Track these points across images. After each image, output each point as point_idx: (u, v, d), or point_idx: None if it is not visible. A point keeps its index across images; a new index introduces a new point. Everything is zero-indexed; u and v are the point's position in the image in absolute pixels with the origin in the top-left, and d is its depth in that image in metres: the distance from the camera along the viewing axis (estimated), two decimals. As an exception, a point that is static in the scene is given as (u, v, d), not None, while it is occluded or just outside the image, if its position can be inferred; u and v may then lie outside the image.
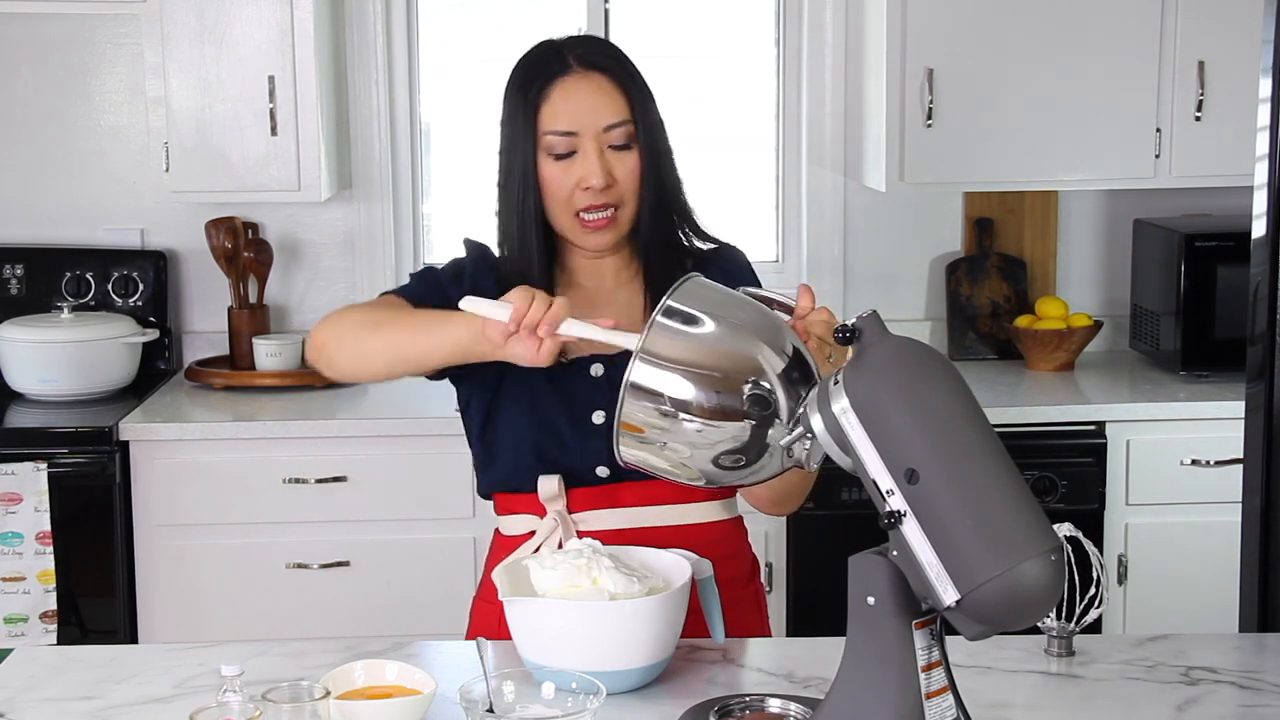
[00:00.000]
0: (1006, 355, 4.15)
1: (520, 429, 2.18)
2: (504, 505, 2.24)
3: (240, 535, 3.58)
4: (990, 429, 1.59)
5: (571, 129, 2.11)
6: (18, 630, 3.47)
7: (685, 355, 1.69)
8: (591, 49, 2.17)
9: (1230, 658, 2.04)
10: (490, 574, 2.21)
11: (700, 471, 1.73)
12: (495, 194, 2.22)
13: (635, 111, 2.13)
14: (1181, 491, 3.66)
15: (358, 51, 4.06)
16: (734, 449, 1.69)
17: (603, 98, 2.12)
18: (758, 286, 2.20)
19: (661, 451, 1.72)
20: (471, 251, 2.27)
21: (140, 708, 1.89)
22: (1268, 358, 2.44)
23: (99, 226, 4.09)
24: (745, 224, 4.27)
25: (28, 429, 3.60)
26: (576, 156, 2.12)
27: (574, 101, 2.12)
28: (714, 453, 1.70)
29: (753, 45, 4.25)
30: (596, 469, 2.17)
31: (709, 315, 1.71)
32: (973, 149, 3.81)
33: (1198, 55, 3.78)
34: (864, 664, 1.61)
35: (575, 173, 2.12)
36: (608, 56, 2.17)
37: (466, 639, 2.24)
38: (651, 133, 2.15)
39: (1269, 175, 2.42)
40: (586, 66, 2.14)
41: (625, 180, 2.13)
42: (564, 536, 2.15)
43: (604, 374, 2.17)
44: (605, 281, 2.22)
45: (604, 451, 2.15)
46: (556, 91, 2.13)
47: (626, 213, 2.15)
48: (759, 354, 1.69)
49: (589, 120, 2.11)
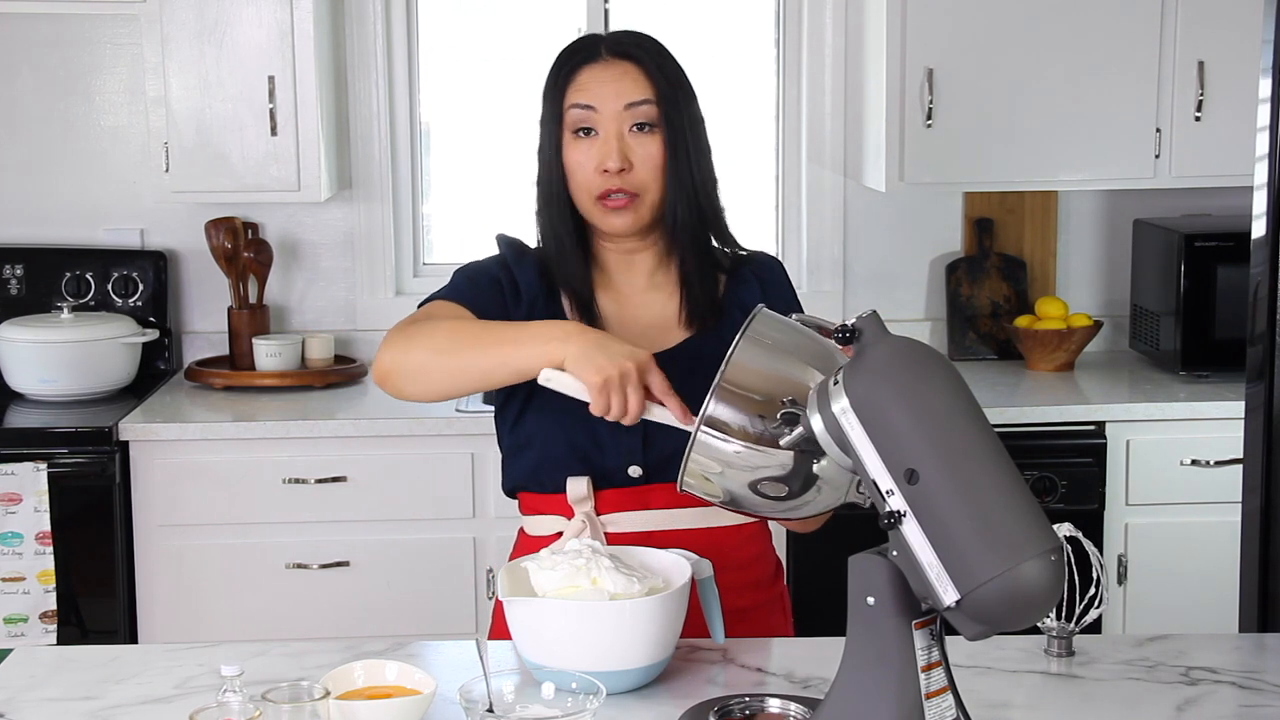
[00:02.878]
0: (1006, 355, 4.15)
1: (555, 424, 2.16)
2: (530, 505, 2.23)
3: (240, 535, 3.58)
4: (990, 429, 1.59)
5: (590, 103, 2.12)
6: (18, 630, 3.47)
7: (744, 424, 1.72)
8: (627, 39, 2.17)
9: (1230, 658, 2.04)
10: None
11: (752, 505, 1.78)
12: (534, 192, 2.21)
13: (660, 96, 2.12)
14: (1181, 491, 3.66)
15: (358, 51, 4.06)
16: (780, 477, 1.73)
17: (627, 81, 2.13)
18: (794, 297, 2.23)
19: (723, 487, 1.77)
20: (506, 247, 2.25)
21: (140, 708, 1.89)
22: (1268, 358, 2.44)
23: (99, 226, 4.09)
24: (745, 224, 4.26)
25: (28, 429, 3.60)
26: (597, 138, 2.12)
27: (598, 82, 2.13)
28: (757, 478, 1.74)
29: (753, 45, 4.25)
30: (629, 468, 2.16)
31: (769, 371, 1.74)
32: (973, 149, 3.81)
33: (1198, 55, 3.78)
34: (864, 664, 1.61)
35: (595, 154, 2.12)
36: (641, 47, 2.16)
37: (490, 638, 2.23)
38: (679, 122, 2.13)
39: (1269, 175, 2.42)
40: (617, 54, 2.14)
41: (644, 165, 2.12)
42: (592, 538, 2.14)
43: None
44: (638, 280, 2.22)
45: (638, 450, 2.15)
46: (583, 75, 2.14)
47: (647, 200, 2.14)
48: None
49: (609, 98, 2.11)
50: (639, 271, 2.22)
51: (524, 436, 2.21)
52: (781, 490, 1.74)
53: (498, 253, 2.25)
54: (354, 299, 4.14)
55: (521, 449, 2.21)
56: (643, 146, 2.12)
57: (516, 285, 2.20)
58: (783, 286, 2.26)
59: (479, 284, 2.19)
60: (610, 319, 2.20)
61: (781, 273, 2.28)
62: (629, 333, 2.19)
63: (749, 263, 2.25)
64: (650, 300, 2.22)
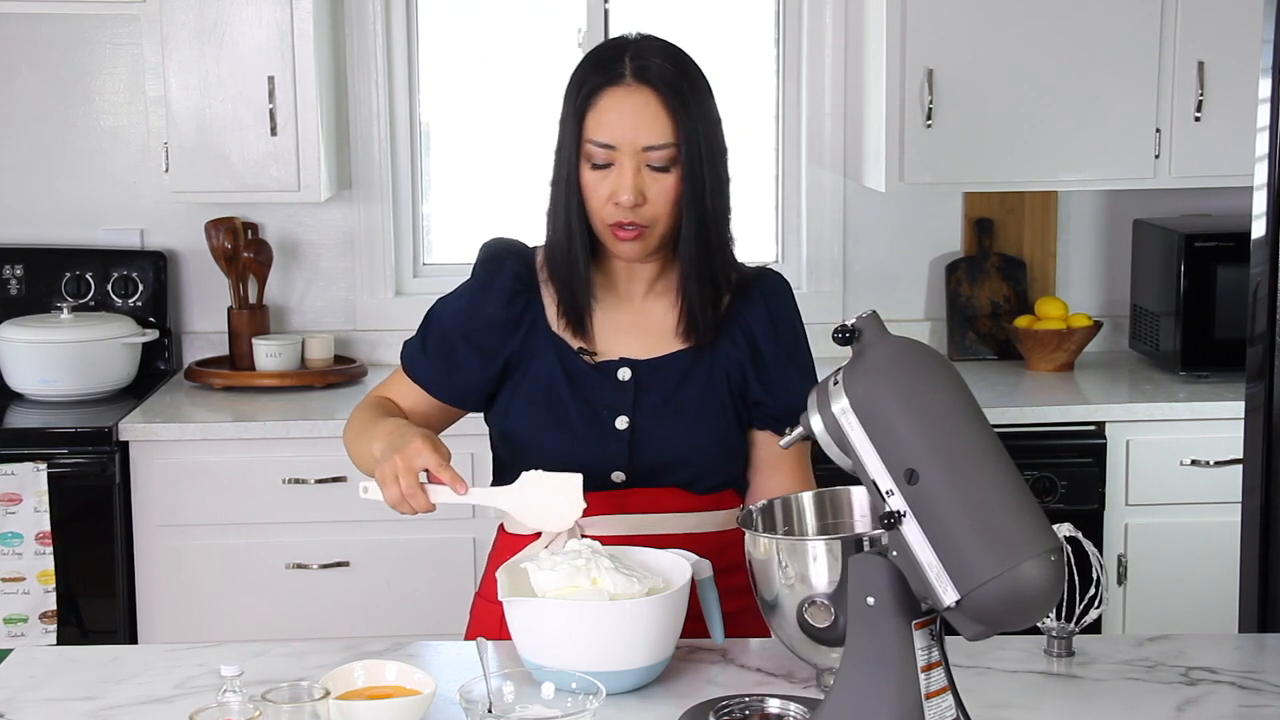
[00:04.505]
0: (1006, 355, 4.15)
1: (537, 431, 2.18)
2: None
3: (240, 535, 3.58)
4: (990, 429, 1.59)
5: (610, 142, 2.09)
6: (17, 630, 3.47)
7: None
8: (652, 59, 2.11)
9: (1230, 658, 2.04)
10: (493, 572, 2.22)
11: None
12: (548, 190, 2.20)
13: (680, 135, 2.09)
14: (1181, 491, 3.66)
15: (358, 51, 4.06)
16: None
17: (647, 117, 2.09)
18: (798, 317, 2.24)
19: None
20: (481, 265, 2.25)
21: (140, 708, 1.89)
22: (1268, 358, 2.44)
23: (99, 226, 4.09)
24: (745, 224, 4.26)
25: (28, 429, 3.60)
26: (613, 169, 2.10)
27: (617, 114, 2.09)
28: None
29: (753, 45, 4.25)
30: (613, 474, 2.17)
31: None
32: (973, 149, 3.81)
33: (1198, 55, 3.78)
34: (864, 664, 1.61)
35: (610, 185, 2.10)
36: (666, 71, 2.10)
37: (466, 638, 2.24)
38: (696, 159, 2.10)
39: (1269, 175, 2.42)
40: (639, 79, 2.09)
41: (657, 201, 2.11)
42: (570, 540, 2.14)
43: (631, 379, 2.18)
44: (639, 288, 2.22)
45: (623, 456, 2.15)
46: (604, 100, 2.10)
47: (657, 232, 2.13)
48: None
49: (629, 137, 2.09)
50: (641, 279, 2.22)
51: (509, 446, 2.23)
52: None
53: (469, 279, 2.26)
54: (354, 299, 4.14)
55: (508, 459, 2.24)
56: (658, 183, 2.11)
57: (482, 308, 2.21)
58: (789, 310, 2.26)
59: (429, 348, 2.24)
60: (605, 323, 2.21)
61: (788, 294, 2.28)
62: (624, 337, 2.20)
63: (758, 283, 2.25)
64: (650, 307, 2.22)
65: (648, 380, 2.18)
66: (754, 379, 2.20)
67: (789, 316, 2.25)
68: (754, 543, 1.85)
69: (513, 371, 2.20)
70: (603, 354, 2.18)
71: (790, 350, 2.23)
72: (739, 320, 2.22)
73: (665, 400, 2.17)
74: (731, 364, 2.20)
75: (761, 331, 2.22)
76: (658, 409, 2.17)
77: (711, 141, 2.14)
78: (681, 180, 2.11)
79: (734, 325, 2.21)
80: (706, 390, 2.18)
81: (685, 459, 2.18)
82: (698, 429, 2.18)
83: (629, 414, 2.16)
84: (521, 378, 2.19)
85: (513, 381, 2.20)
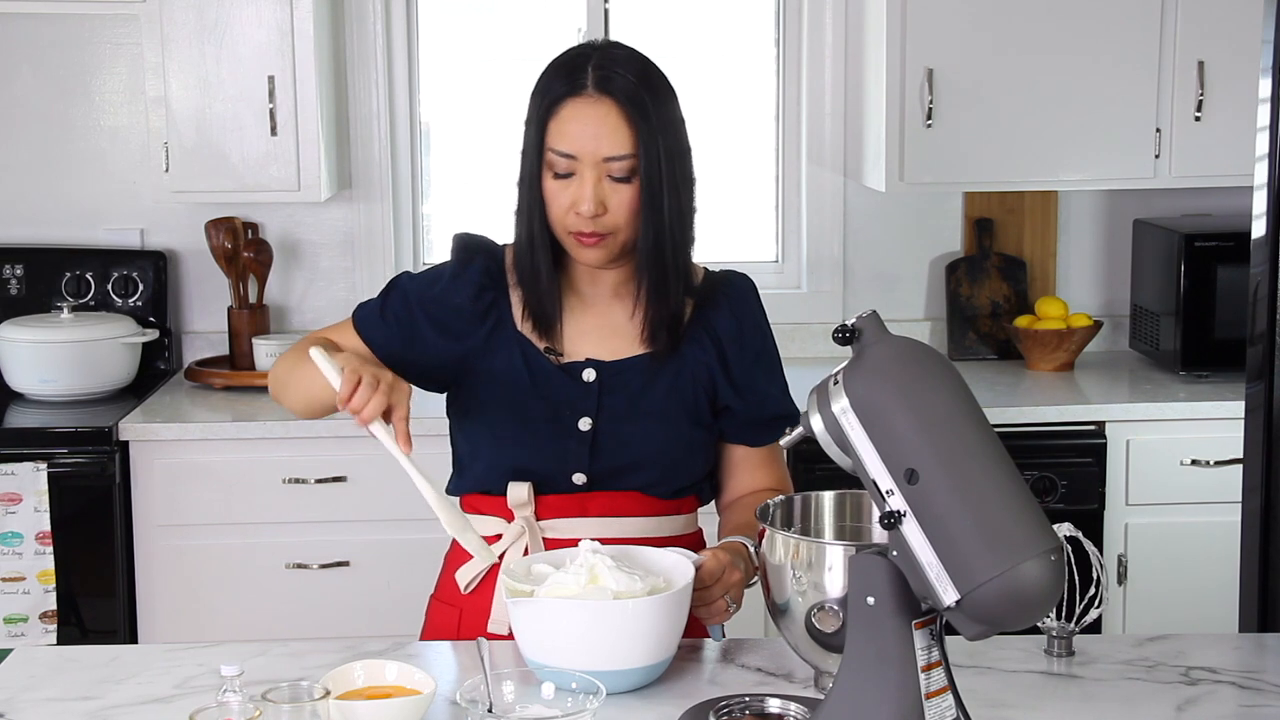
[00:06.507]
0: (1006, 355, 4.15)
1: (499, 430, 2.17)
2: (470, 505, 2.24)
3: (240, 535, 3.58)
4: (990, 429, 1.59)
5: (571, 152, 2.09)
6: (18, 630, 3.47)
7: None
8: (614, 69, 2.10)
9: (1230, 658, 2.04)
10: (449, 573, 2.23)
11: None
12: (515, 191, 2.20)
13: (640, 146, 2.08)
14: (1181, 491, 3.66)
15: (358, 51, 4.06)
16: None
17: (608, 128, 2.08)
18: (763, 315, 2.24)
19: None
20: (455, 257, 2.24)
21: (140, 708, 1.89)
22: (1268, 358, 2.45)
23: (99, 226, 4.09)
24: (745, 224, 4.27)
25: (28, 429, 3.60)
26: (575, 179, 2.10)
27: (579, 124, 2.09)
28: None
29: (753, 45, 4.25)
30: (574, 475, 2.17)
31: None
32: (973, 149, 3.81)
33: (1198, 55, 3.78)
34: (864, 664, 1.61)
35: (571, 194, 2.10)
36: (627, 84, 2.09)
37: (421, 639, 2.24)
38: (655, 170, 2.09)
39: (1269, 175, 2.42)
40: (601, 90, 2.09)
41: (618, 211, 2.10)
42: (529, 543, 2.14)
43: (596, 379, 2.17)
44: (603, 291, 2.21)
45: (585, 458, 2.15)
46: (566, 110, 2.10)
47: (619, 239, 2.13)
48: None
49: (590, 148, 2.08)
50: (605, 283, 2.21)
51: (467, 446, 2.23)
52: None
53: (446, 260, 2.26)
54: (354, 299, 4.11)
55: (466, 459, 2.23)
56: (618, 193, 2.10)
57: (451, 295, 2.20)
58: (755, 312, 2.25)
59: (388, 315, 2.22)
60: (571, 325, 2.20)
61: (753, 295, 2.27)
62: (587, 339, 2.19)
63: (725, 286, 2.25)
64: (615, 310, 2.21)
65: (612, 382, 2.17)
66: (723, 382, 2.20)
67: (755, 318, 2.24)
68: (771, 542, 1.85)
69: (474, 367, 2.18)
70: (568, 355, 2.18)
71: (757, 352, 2.23)
72: (705, 324, 2.21)
73: (629, 403, 2.16)
74: (699, 368, 2.19)
75: (728, 335, 2.21)
76: (621, 411, 2.16)
77: (673, 146, 2.13)
78: (641, 190, 2.10)
79: (700, 329, 2.21)
80: (671, 394, 2.18)
81: (647, 462, 2.17)
82: (660, 432, 2.17)
83: (592, 416, 2.15)
84: (484, 375, 2.18)
85: (474, 378, 2.19)
